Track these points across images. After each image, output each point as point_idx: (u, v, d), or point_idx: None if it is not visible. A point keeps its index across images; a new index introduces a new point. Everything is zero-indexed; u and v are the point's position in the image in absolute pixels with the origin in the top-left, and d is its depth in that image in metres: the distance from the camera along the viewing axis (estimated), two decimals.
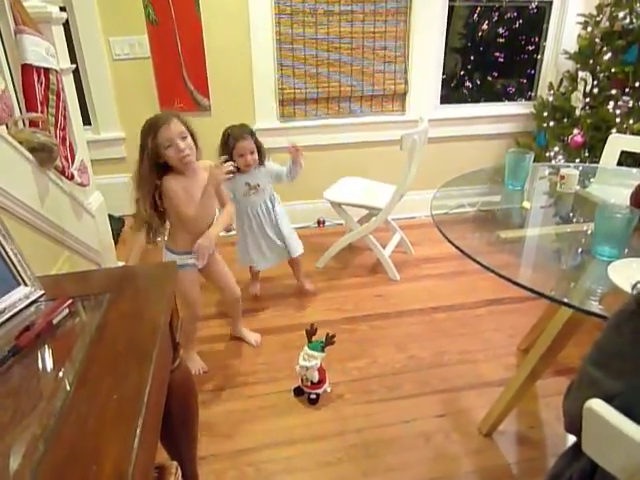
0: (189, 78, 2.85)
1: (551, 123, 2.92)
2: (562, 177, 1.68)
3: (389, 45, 2.99)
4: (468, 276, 2.70)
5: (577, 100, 2.73)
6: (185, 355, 2.08)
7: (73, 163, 1.84)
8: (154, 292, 1.00)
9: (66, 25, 2.58)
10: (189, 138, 1.67)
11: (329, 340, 1.88)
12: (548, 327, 1.55)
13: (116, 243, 2.71)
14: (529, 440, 1.71)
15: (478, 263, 1.31)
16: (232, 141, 2.15)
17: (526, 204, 1.61)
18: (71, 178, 1.78)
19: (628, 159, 2.33)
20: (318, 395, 1.87)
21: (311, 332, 1.89)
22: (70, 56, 2.58)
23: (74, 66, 1.99)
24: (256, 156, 2.17)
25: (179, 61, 2.81)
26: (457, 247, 1.41)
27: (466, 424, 1.77)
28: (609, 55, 2.59)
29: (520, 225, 1.60)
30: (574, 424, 0.81)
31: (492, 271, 1.29)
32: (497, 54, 3.75)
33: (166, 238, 1.88)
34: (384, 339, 2.23)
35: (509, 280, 1.25)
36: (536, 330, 2.09)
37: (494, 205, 1.85)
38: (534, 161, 1.81)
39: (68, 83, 1.97)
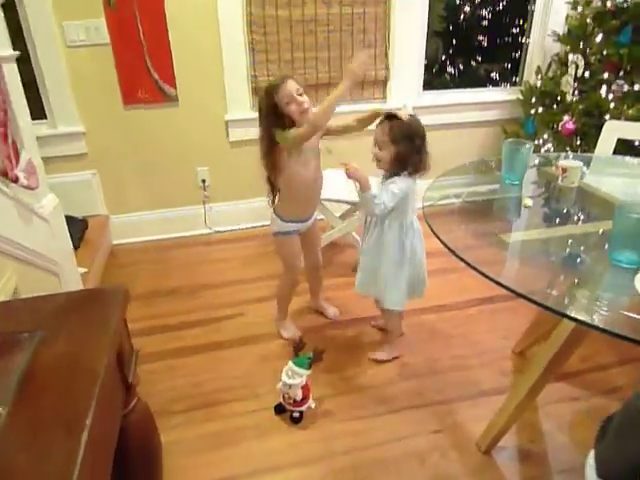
0: (153, 66, 2.63)
1: (540, 109, 2.79)
2: (564, 170, 1.53)
3: (368, 28, 2.80)
4: (458, 273, 2.55)
5: (567, 85, 2.59)
6: (278, 322, 2.15)
7: (18, 164, 1.62)
8: (96, 327, 0.82)
9: (12, 7, 2.35)
10: (305, 95, 1.69)
11: (317, 356, 1.70)
12: (553, 336, 1.41)
13: (78, 247, 2.49)
14: (531, 456, 1.58)
15: (484, 274, 1.15)
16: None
17: (527, 202, 1.46)
18: (15, 180, 1.56)
19: (624, 147, 2.21)
20: (302, 413, 1.71)
21: (298, 346, 1.71)
22: (19, 42, 2.34)
23: (17, 53, 1.76)
24: (385, 156, 1.64)
25: (141, 47, 2.57)
26: (459, 257, 1.24)
27: (463, 440, 1.63)
28: (601, 36, 2.45)
29: (522, 226, 1.45)
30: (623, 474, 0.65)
31: (497, 282, 1.13)
32: (480, 37, 3.60)
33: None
34: (372, 345, 2.07)
35: (517, 294, 1.10)
36: (531, 332, 1.97)
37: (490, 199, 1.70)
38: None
39: (11, 72, 1.74)
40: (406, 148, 1.60)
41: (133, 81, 2.65)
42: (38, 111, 2.59)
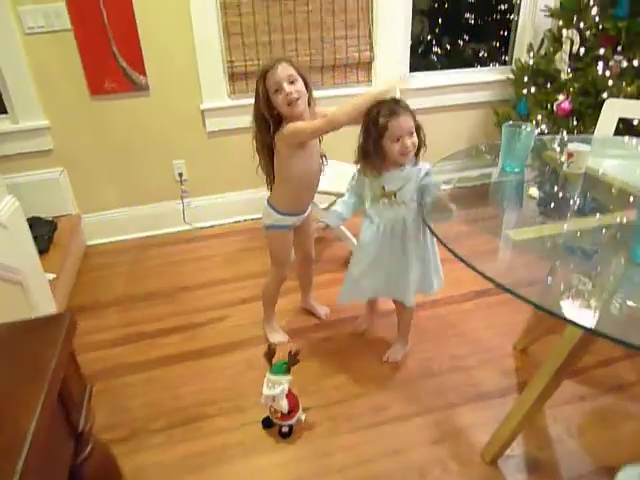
0: (120, 53, 2.43)
1: (532, 89, 2.64)
2: (570, 155, 1.39)
3: (350, 6, 2.62)
4: (450, 265, 2.39)
5: (561, 62, 2.45)
6: (265, 324, 2.01)
7: None
8: (28, 368, 0.66)
9: None
10: (299, 83, 1.52)
11: (293, 358, 1.55)
12: (563, 339, 1.29)
13: (46, 251, 2.32)
14: (540, 464, 1.47)
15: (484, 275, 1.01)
16: (382, 119, 1.44)
17: (533, 192, 1.32)
18: None
19: (623, 127, 2.09)
20: (291, 427, 1.57)
21: (270, 354, 1.56)
22: None
23: None
24: (416, 139, 1.47)
25: (106, 33, 2.37)
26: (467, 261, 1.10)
27: (466, 450, 1.51)
28: (596, 9, 2.31)
29: (528, 219, 1.31)
30: None
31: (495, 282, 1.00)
32: (467, 15, 3.45)
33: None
34: (364, 347, 1.94)
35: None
36: (533, 327, 1.85)
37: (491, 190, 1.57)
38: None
39: None
40: (419, 126, 1.50)
41: (99, 69, 2.45)
42: None
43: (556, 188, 1.45)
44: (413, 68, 2.99)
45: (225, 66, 2.59)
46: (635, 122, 2.18)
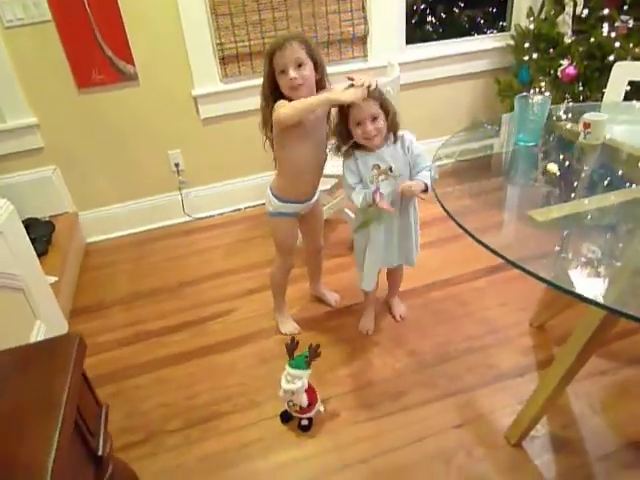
0: (105, 42, 2.33)
1: (534, 55, 2.55)
2: (586, 125, 1.33)
3: None
4: (460, 241, 2.37)
5: (564, 25, 2.36)
6: (276, 314, 1.97)
7: None
8: (38, 401, 0.61)
9: None
10: (307, 67, 1.46)
11: (314, 352, 1.52)
12: (586, 317, 1.24)
13: (45, 253, 2.26)
14: (566, 443, 1.44)
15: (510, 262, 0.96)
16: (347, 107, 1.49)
17: (552, 167, 1.25)
18: None
19: (633, 90, 2.01)
20: (311, 420, 1.54)
21: (291, 347, 1.53)
22: None
23: None
24: (382, 123, 1.48)
25: (89, 21, 2.27)
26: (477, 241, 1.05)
27: (489, 433, 1.48)
28: None
29: (549, 197, 1.24)
30: None
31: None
32: None
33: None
34: (377, 333, 1.91)
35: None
36: (550, 302, 1.81)
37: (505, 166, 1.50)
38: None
39: None
40: (389, 105, 1.50)
41: (85, 61, 2.35)
42: None
43: (573, 161, 1.39)
44: (408, 40, 2.89)
45: (215, 49, 2.49)
46: None
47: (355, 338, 1.89)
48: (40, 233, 2.32)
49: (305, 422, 1.54)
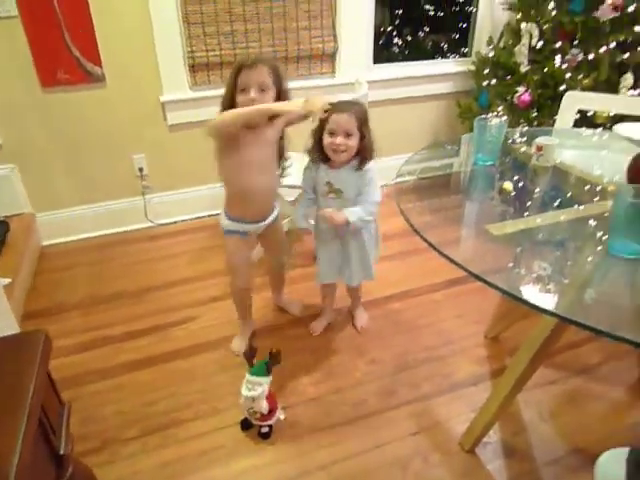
0: (73, 41, 2.30)
1: (493, 81, 2.69)
2: (539, 148, 1.42)
3: None
4: (419, 255, 2.46)
5: (521, 55, 2.50)
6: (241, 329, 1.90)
7: None
8: (1, 396, 0.61)
9: None
10: (268, 95, 1.46)
11: (274, 359, 1.53)
12: (536, 328, 1.32)
13: None
14: (516, 450, 1.51)
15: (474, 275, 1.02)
16: (329, 112, 1.48)
17: (508, 186, 1.34)
18: None
19: (581, 118, 2.15)
20: (271, 427, 1.55)
21: (250, 355, 1.53)
22: None
23: None
24: (353, 143, 1.50)
25: (57, 20, 2.24)
26: (439, 249, 1.11)
27: (445, 440, 1.54)
28: (553, 4, 2.36)
29: (505, 214, 1.32)
30: None
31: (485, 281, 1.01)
32: (426, 7, 3.46)
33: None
34: (339, 342, 1.94)
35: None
36: (503, 314, 1.90)
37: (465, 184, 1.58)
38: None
39: None
40: (369, 133, 1.54)
41: (50, 60, 2.31)
42: None
43: (526, 181, 1.48)
44: (375, 59, 2.99)
45: (186, 57, 2.50)
46: (590, 113, 2.25)
47: (317, 347, 1.92)
48: None
49: (265, 429, 1.55)
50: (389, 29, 3.41)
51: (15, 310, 2.01)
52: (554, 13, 2.35)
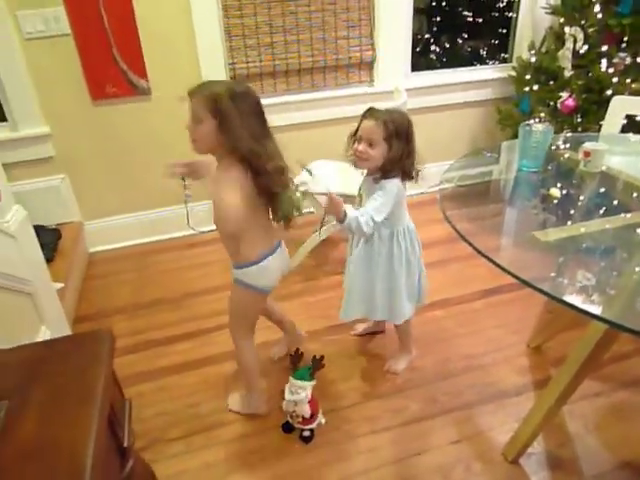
0: (121, 57, 2.40)
1: (535, 87, 2.65)
2: (587, 153, 1.40)
3: (352, 6, 2.62)
4: (459, 263, 2.44)
5: (565, 59, 2.46)
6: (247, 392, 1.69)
7: None
8: (78, 390, 0.65)
9: None
10: (205, 125, 1.24)
11: (317, 364, 1.56)
12: (585, 337, 1.29)
13: (51, 260, 2.28)
14: (561, 462, 1.47)
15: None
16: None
17: (555, 192, 1.32)
18: None
19: (629, 124, 2.09)
20: (312, 431, 1.57)
21: (296, 358, 1.57)
22: None
23: None
24: (376, 154, 1.42)
25: (107, 37, 2.35)
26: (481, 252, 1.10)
27: (487, 449, 1.51)
28: (599, 7, 2.32)
29: (552, 220, 1.30)
30: None
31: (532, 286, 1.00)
32: (465, 13, 3.45)
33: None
34: (378, 348, 1.94)
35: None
36: (546, 324, 1.86)
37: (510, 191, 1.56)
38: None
39: None
40: (401, 148, 1.42)
41: (100, 74, 2.42)
42: None
43: (573, 188, 1.45)
44: (412, 67, 2.99)
45: (227, 68, 2.57)
46: (639, 118, 2.19)
47: (356, 353, 1.93)
48: (47, 240, 2.34)
49: (307, 433, 1.56)
50: (426, 36, 3.41)
51: (67, 314, 2.10)
52: (600, 16, 2.30)
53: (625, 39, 2.23)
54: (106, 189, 2.69)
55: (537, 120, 2.54)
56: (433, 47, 3.47)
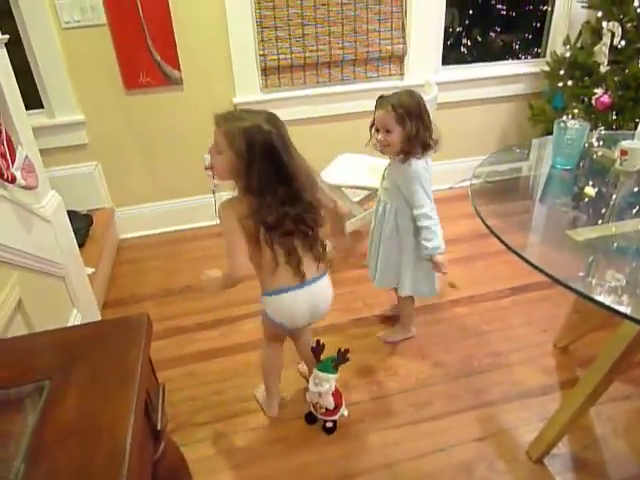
0: (155, 47, 2.44)
1: (569, 82, 2.59)
2: (624, 152, 1.37)
3: None
4: (486, 260, 2.42)
5: (601, 55, 2.40)
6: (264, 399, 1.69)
7: (14, 162, 1.46)
8: (117, 373, 0.67)
9: None
10: (223, 156, 1.23)
11: (342, 357, 1.55)
12: (616, 336, 1.27)
13: (83, 245, 2.34)
14: (587, 464, 1.46)
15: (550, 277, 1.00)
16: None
17: (590, 191, 1.30)
18: (12, 181, 1.41)
19: None
20: (335, 422, 1.58)
21: (317, 350, 1.56)
22: (8, 24, 2.18)
23: (7, 37, 1.58)
24: (394, 139, 1.52)
25: (141, 27, 2.38)
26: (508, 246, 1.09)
27: (511, 447, 1.51)
28: (638, 2, 2.25)
29: (586, 219, 1.28)
30: None
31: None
32: (498, 7, 3.38)
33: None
34: (403, 343, 1.94)
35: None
36: (574, 325, 1.83)
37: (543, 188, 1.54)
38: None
39: (1, 58, 1.57)
40: (416, 125, 1.51)
41: (134, 64, 2.46)
42: (33, 100, 2.41)
43: (608, 186, 1.43)
44: (443, 61, 2.96)
45: (258, 60, 2.58)
46: None
47: (380, 347, 1.93)
48: (79, 225, 2.39)
49: (330, 424, 1.58)
50: (458, 30, 3.36)
51: (97, 298, 2.16)
52: (639, 10, 2.24)
53: None
54: (137, 177, 2.74)
55: (571, 117, 2.50)
56: (465, 40, 3.42)
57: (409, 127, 1.49)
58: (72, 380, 0.68)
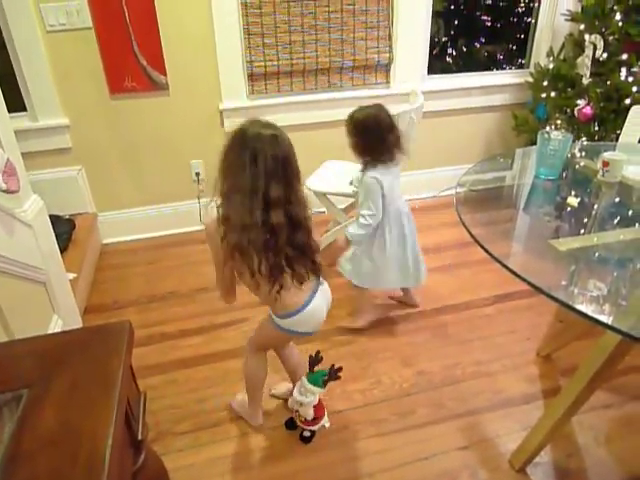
0: (141, 52, 2.42)
1: (552, 93, 2.63)
2: (606, 163, 1.39)
3: (371, 8, 2.62)
4: (469, 268, 2.43)
5: (583, 67, 2.44)
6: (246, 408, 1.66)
7: None
8: (97, 382, 0.66)
9: None
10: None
11: (334, 375, 1.50)
12: (597, 346, 1.29)
13: (65, 249, 2.31)
14: (569, 472, 1.47)
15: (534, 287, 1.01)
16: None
17: (573, 201, 1.31)
18: None
19: None
20: (313, 432, 1.57)
21: (314, 361, 1.55)
22: None
23: None
24: (352, 147, 1.76)
25: (127, 32, 2.36)
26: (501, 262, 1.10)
27: (494, 456, 1.51)
28: (619, 15, 2.30)
29: (569, 229, 1.30)
30: None
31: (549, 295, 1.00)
32: (483, 18, 3.43)
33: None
34: (386, 351, 1.94)
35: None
36: (557, 333, 1.85)
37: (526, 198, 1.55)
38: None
39: None
40: (362, 139, 1.69)
41: (119, 68, 2.44)
42: (16, 103, 2.38)
43: (590, 197, 1.45)
44: (429, 70, 2.98)
45: (245, 66, 2.58)
46: None
47: (364, 354, 1.93)
48: (61, 230, 2.36)
49: (307, 434, 1.57)
50: (443, 40, 3.40)
51: (78, 304, 2.12)
52: (621, 24, 2.29)
53: None
54: (121, 181, 2.71)
55: (554, 127, 2.53)
56: (450, 50, 3.46)
57: (355, 140, 1.69)
58: (51, 389, 0.66)
